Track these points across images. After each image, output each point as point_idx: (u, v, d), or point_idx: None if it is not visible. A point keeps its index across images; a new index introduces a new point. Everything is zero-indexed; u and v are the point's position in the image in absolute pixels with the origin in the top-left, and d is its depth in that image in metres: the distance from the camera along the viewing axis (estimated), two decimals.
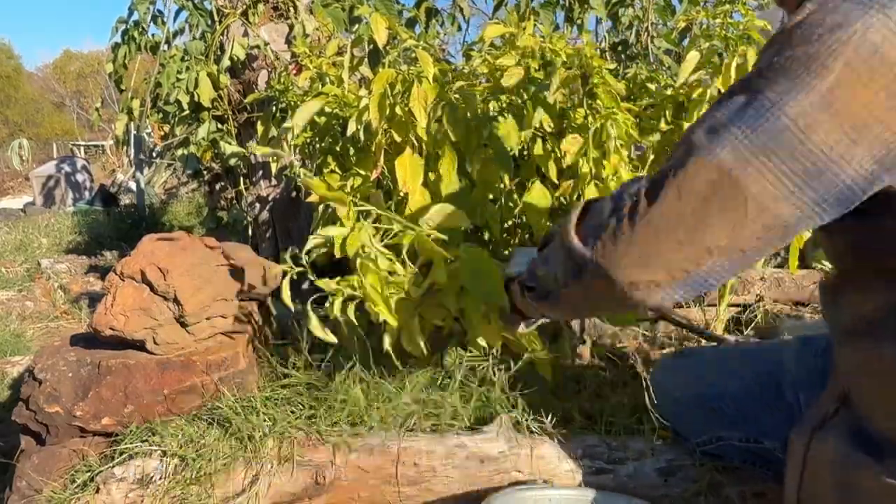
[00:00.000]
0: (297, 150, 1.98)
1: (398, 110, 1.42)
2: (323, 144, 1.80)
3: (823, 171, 0.66)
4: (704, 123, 0.72)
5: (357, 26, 2.40)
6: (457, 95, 1.48)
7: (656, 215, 0.71)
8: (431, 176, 1.50)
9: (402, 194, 1.47)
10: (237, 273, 1.43)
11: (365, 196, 1.55)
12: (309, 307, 1.19)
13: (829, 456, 0.83)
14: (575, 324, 1.50)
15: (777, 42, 0.71)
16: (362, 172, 1.54)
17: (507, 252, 1.70)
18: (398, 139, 1.47)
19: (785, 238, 0.70)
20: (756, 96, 0.69)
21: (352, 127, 1.48)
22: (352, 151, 1.73)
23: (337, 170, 1.69)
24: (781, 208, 0.67)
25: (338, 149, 1.75)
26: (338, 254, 1.54)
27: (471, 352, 1.27)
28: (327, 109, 1.75)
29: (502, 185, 1.60)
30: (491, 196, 1.60)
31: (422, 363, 1.30)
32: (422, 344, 1.20)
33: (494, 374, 1.27)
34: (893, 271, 0.73)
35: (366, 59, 1.83)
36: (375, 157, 1.49)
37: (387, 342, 1.20)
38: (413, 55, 1.46)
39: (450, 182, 1.49)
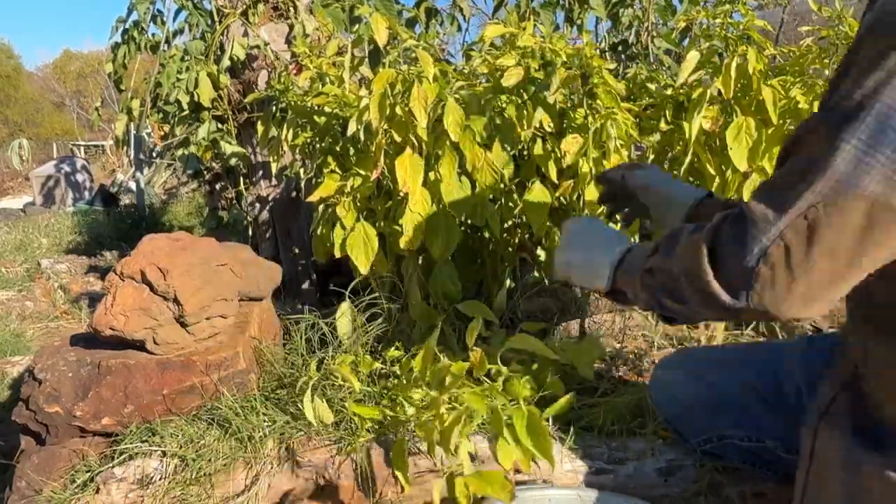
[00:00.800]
0: (297, 151, 1.97)
1: (398, 110, 1.41)
2: (323, 144, 1.79)
3: None
4: (840, 149, 0.68)
5: (357, 26, 2.40)
6: (457, 95, 1.47)
7: (817, 260, 0.70)
8: (432, 176, 1.49)
9: (402, 194, 1.47)
10: (237, 273, 1.43)
11: (365, 196, 1.54)
12: (306, 402, 1.18)
13: (834, 451, 0.83)
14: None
15: (879, 43, 0.68)
16: (362, 172, 1.54)
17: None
18: (398, 139, 1.46)
19: None
20: (890, 115, 0.67)
21: (352, 127, 1.47)
22: (352, 151, 1.72)
23: (337, 170, 1.68)
24: None
25: (338, 149, 1.74)
26: (338, 254, 1.54)
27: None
28: (327, 109, 1.75)
29: (502, 185, 1.60)
30: (491, 196, 1.60)
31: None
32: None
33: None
34: None
35: (366, 60, 1.82)
36: (375, 157, 1.48)
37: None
38: (413, 55, 1.45)
39: (450, 182, 1.49)
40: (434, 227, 1.51)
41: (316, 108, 1.78)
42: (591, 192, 1.53)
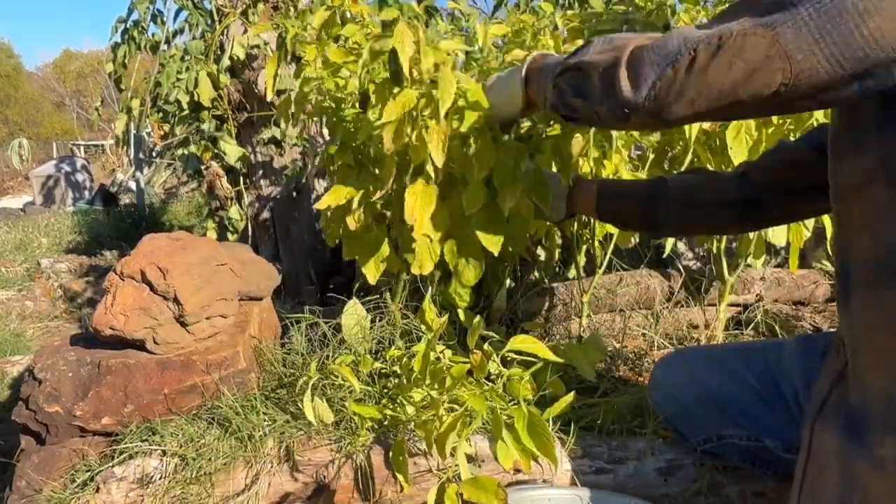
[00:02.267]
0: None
1: (415, 139, 1.24)
2: (337, 146, 1.52)
3: (868, 57, 0.70)
4: None
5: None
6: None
7: (711, 73, 0.78)
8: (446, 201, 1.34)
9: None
10: (237, 273, 1.43)
11: (377, 206, 1.42)
12: (306, 401, 1.17)
13: (828, 447, 0.83)
14: None
15: None
16: (376, 172, 1.41)
17: None
18: (413, 163, 1.31)
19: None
20: None
21: (362, 136, 1.37)
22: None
23: (350, 162, 1.49)
24: (816, 82, 0.74)
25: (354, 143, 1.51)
26: (346, 257, 1.52)
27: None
28: (346, 73, 1.43)
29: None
30: (529, 233, 1.45)
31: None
32: None
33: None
34: None
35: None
36: (384, 179, 1.32)
37: None
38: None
39: (480, 219, 1.33)
40: (460, 254, 1.41)
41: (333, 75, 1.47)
42: None
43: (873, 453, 0.76)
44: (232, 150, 2.56)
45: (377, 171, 1.42)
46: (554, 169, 1.49)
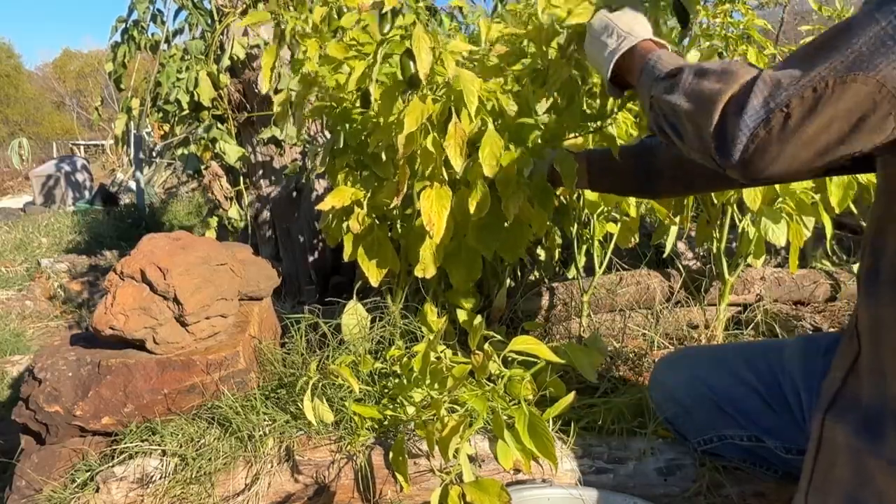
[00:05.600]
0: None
1: (430, 146, 1.23)
2: (338, 146, 1.52)
3: None
4: (867, 29, 0.69)
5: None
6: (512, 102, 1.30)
7: (811, 131, 0.71)
8: (459, 198, 1.34)
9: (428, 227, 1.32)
10: (237, 272, 1.43)
11: (380, 207, 1.42)
12: (306, 401, 1.17)
13: (840, 441, 0.83)
14: None
15: None
16: (380, 175, 1.41)
17: None
18: (425, 170, 1.30)
19: None
20: None
21: (373, 143, 1.35)
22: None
23: (351, 163, 1.48)
24: None
25: (356, 143, 1.49)
26: (347, 258, 1.52)
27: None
28: (347, 69, 1.40)
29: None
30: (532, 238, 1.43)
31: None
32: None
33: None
34: None
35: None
36: (399, 185, 1.30)
37: None
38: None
39: (481, 219, 1.33)
40: (456, 257, 1.42)
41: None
42: (591, 193, 1.53)
43: (891, 457, 0.76)
44: (232, 150, 2.56)
45: (380, 172, 1.41)
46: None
